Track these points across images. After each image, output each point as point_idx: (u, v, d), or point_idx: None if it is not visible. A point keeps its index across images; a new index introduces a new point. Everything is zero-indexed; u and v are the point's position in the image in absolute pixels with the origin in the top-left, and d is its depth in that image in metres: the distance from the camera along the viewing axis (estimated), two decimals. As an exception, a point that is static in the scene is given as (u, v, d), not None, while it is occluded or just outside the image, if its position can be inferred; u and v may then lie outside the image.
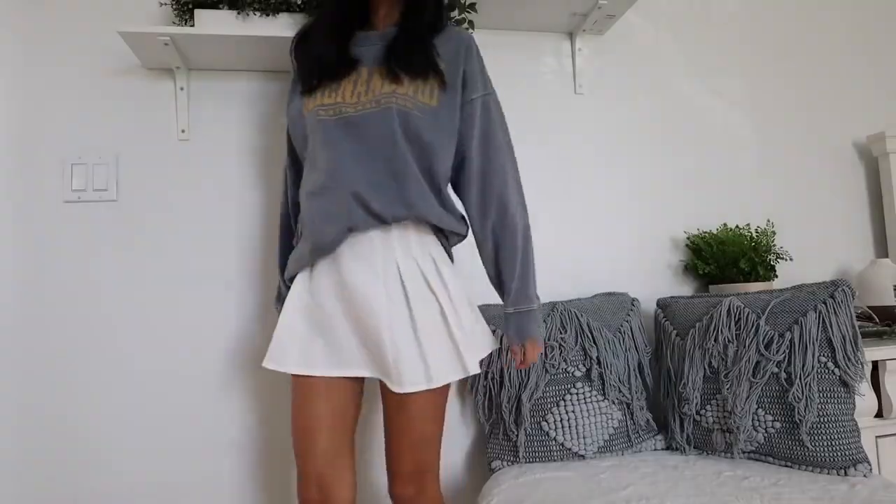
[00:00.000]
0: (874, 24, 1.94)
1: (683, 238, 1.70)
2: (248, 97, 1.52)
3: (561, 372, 1.37)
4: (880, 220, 1.84)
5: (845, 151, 1.86)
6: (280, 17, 1.35)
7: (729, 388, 1.27)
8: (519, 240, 1.12)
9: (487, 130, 1.13)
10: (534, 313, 1.12)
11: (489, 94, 1.14)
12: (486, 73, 1.16)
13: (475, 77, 1.12)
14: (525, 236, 1.13)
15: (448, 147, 1.09)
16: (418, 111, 1.04)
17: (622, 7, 1.53)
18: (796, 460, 1.19)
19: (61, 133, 1.44)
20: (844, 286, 1.21)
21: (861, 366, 1.18)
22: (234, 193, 1.49)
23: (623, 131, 1.70)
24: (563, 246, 1.63)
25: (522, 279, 1.12)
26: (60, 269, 1.41)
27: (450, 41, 1.12)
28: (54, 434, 1.38)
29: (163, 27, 1.30)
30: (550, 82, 1.68)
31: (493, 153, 1.13)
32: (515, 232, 1.12)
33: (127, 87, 1.47)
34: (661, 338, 1.46)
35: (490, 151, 1.13)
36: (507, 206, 1.12)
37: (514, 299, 1.12)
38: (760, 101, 1.81)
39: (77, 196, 1.43)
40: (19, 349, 1.38)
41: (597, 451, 1.35)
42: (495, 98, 1.16)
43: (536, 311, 1.12)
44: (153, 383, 1.42)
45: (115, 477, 1.39)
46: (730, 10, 1.82)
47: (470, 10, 1.33)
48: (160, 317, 1.44)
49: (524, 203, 1.15)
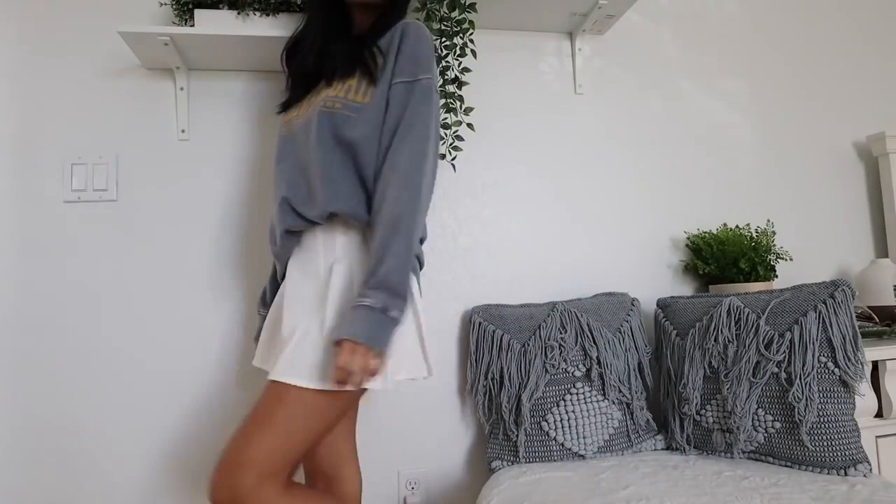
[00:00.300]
0: (874, 24, 1.94)
1: (683, 238, 1.70)
2: (248, 97, 1.52)
3: (561, 372, 1.37)
4: (880, 220, 1.84)
5: (845, 151, 1.86)
6: (280, 17, 1.35)
7: (729, 388, 1.27)
8: (380, 230, 0.97)
9: (401, 116, 1.04)
10: (361, 310, 0.92)
11: (416, 81, 1.05)
12: (423, 60, 1.06)
13: (403, 62, 1.06)
14: (393, 228, 0.96)
15: (375, 140, 1.06)
16: (348, 111, 1.05)
17: (622, 7, 1.53)
18: (796, 460, 1.19)
19: (61, 133, 1.44)
20: (844, 286, 1.21)
21: (861, 366, 1.18)
22: (233, 193, 1.49)
23: (623, 131, 1.70)
24: (563, 246, 1.63)
25: (372, 269, 0.95)
26: (60, 269, 1.41)
27: (391, 33, 1.10)
28: (53, 433, 1.38)
29: (163, 27, 1.30)
30: (550, 82, 1.68)
31: (398, 141, 1.03)
32: (384, 221, 0.98)
33: (127, 87, 1.48)
34: (661, 338, 1.46)
35: (395, 139, 1.03)
36: (386, 193, 0.99)
37: (360, 291, 0.96)
38: (760, 101, 1.81)
39: (77, 196, 1.43)
40: (19, 349, 1.38)
41: (597, 451, 1.35)
42: (425, 86, 1.05)
43: (365, 310, 0.92)
44: (153, 383, 1.42)
45: (115, 476, 1.39)
46: (730, 9, 1.82)
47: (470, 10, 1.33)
48: (160, 316, 1.44)
49: (412, 198, 0.98)
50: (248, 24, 1.34)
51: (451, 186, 1.59)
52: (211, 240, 1.47)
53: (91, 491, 1.38)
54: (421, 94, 1.04)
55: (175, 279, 1.45)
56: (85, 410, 1.40)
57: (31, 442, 1.37)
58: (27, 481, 1.36)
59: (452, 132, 1.37)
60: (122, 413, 1.41)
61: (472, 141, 1.59)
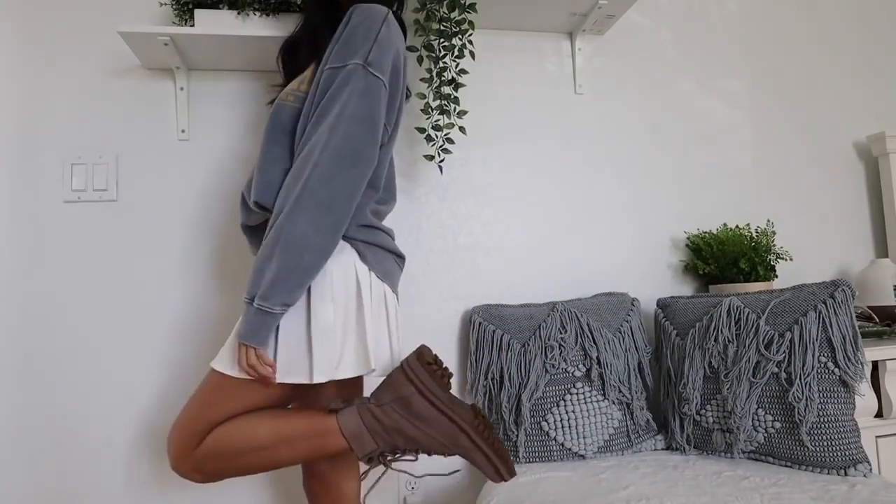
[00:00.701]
0: (874, 24, 1.94)
1: (683, 238, 1.70)
2: (248, 97, 1.52)
3: (561, 372, 1.37)
4: (880, 220, 1.84)
5: (845, 151, 1.86)
6: (280, 17, 1.35)
7: (729, 388, 1.27)
8: (272, 221, 0.95)
9: (322, 104, 0.98)
10: (248, 309, 0.93)
11: (343, 67, 0.98)
12: (356, 43, 0.99)
13: (339, 47, 1.00)
14: (280, 225, 0.92)
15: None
16: (297, 102, 1.06)
17: (622, 7, 1.53)
18: (796, 460, 1.19)
19: (61, 133, 1.44)
20: (844, 286, 1.21)
21: (861, 366, 1.18)
22: (234, 193, 1.49)
23: (623, 131, 1.70)
24: (564, 246, 1.63)
25: (255, 266, 0.94)
26: (60, 269, 1.41)
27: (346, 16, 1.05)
28: (53, 433, 1.38)
29: (163, 27, 1.30)
30: (550, 82, 1.68)
31: (312, 128, 0.98)
32: (276, 214, 0.96)
33: (127, 87, 1.48)
34: (661, 338, 1.46)
35: (311, 127, 0.98)
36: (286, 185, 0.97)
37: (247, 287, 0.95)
38: (760, 101, 1.81)
39: (77, 196, 1.43)
40: (19, 349, 1.38)
41: (597, 451, 1.35)
42: (350, 70, 0.97)
43: (247, 308, 0.93)
44: (153, 382, 1.42)
45: (115, 475, 1.39)
46: (730, 9, 1.82)
47: (470, 10, 1.32)
48: (160, 316, 1.44)
49: (307, 194, 0.92)
50: (248, 24, 1.34)
51: (451, 187, 1.59)
52: (211, 239, 1.47)
53: (91, 490, 1.38)
54: (343, 81, 0.97)
55: (175, 279, 1.45)
56: (85, 410, 1.40)
57: (31, 441, 1.37)
58: (27, 480, 1.36)
59: (444, 134, 1.37)
60: (123, 412, 1.41)
61: (472, 141, 1.60)
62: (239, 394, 0.98)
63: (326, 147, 0.93)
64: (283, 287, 0.91)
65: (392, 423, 0.97)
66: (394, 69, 1.03)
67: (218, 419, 0.97)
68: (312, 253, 0.92)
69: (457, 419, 0.98)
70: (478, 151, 1.61)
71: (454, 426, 0.97)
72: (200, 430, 0.97)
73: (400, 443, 0.98)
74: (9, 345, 1.38)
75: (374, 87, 0.98)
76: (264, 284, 0.91)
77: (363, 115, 0.96)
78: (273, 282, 0.91)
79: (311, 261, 0.93)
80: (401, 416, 0.97)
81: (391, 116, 1.07)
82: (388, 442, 0.98)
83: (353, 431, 0.97)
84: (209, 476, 0.99)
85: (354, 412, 0.98)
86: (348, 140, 0.95)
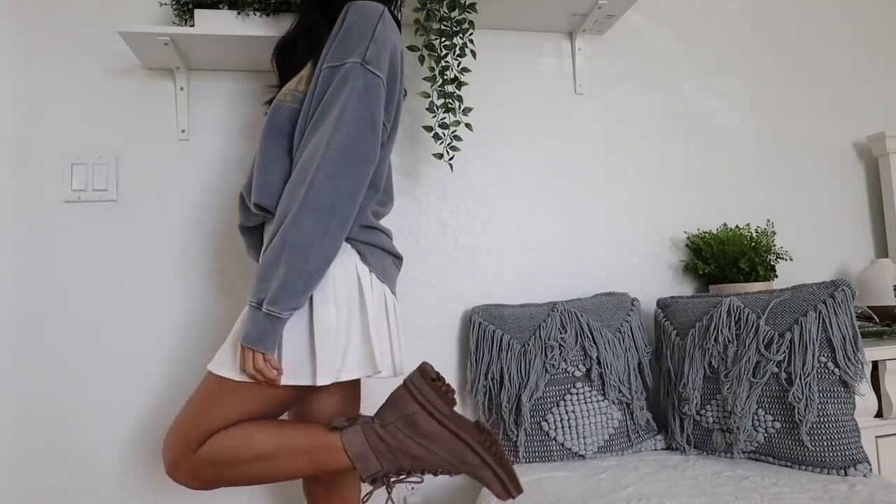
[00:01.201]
0: (874, 24, 1.94)
1: (683, 238, 1.70)
2: (248, 97, 1.52)
3: (561, 372, 1.37)
4: (880, 220, 1.84)
5: (845, 151, 1.86)
6: (280, 17, 1.35)
7: (729, 388, 1.27)
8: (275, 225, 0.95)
9: (322, 104, 0.97)
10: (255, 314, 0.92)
11: (341, 66, 0.97)
12: (353, 41, 0.98)
13: (336, 46, 0.99)
14: (285, 229, 0.92)
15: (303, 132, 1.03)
16: (295, 102, 1.05)
17: (622, 7, 1.53)
18: (796, 460, 1.19)
19: (61, 133, 1.44)
20: (844, 286, 1.21)
21: (861, 366, 1.18)
22: (233, 193, 1.49)
23: (623, 131, 1.70)
24: (564, 246, 1.63)
25: (261, 270, 0.93)
26: (60, 269, 1.41)
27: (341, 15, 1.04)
28: (53, 432, 1.38)
29: (163, 27, 1.30)
30: (550, 82, 1.68)
31: (312, 129, 0.97)
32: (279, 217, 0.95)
33: (127, 87, 1.48)
34: (661, 338, 1.46)
35: (311, 130, 0.97)
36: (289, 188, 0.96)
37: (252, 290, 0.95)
38: (760, 100, 1.81)
39: (77, 196, 1.43)
40: (19, 348, 1.38)
41: (597, 451, 1.35)
42: (348, 69, 0.97)
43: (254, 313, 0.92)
44: (153, 382, 1.42)
45: (116, 475, 1.39)
46: (730, 9, 1.82)
47: (470, 10, 1.32)
48: (160, 316, 1.44)
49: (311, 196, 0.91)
50: (248, 24, 1.34)
51: (451, 186, 1.59)
52: (211, 240, 1.47)
53: (91, 489, 1.38)
54: (341, 80, 0.96)
55: (175, 279, 1.45)
56: (85, 410, 1.40)
57: (31, 441, 1.37)
58: (27, 480, 1.36)
59: (451, 132, 1.37)
60: (123, 412, 1.41)
61: (472, 141, 1.60)
62: (238, 398, 0.96)
63: (328, 148, 0.93)
64: (292, 291, 0.90)
65: (397, 443, 0.96)
66: (391, 66, 1.03)
67: (216, 424, 0.95)
68: (319, 256, 0.92)
69: (463, 436, 0.96)
70: (478, 151, 1.61)
71: (461, 443, 0.96)
72: (197, 435, 0.95)
73: (405, 464, 0.96)
74: (8, 344, 1.38)
75: (373, 85, 0.97)
76: (272, 289, 0.90)
77: (363, 114, 0.96)
78: (281, 287, 0.90)
79: (318, 264, 0.92)
80: (406, 436, 0.96)
81: (390, 115, 1.06)
82: (393, 463, 0.96)
83: (357, 452, 0.95)
84: (205, 483, 0.97)
85: (359, 431, 0.96)
86: (350, 139, 0.94)
